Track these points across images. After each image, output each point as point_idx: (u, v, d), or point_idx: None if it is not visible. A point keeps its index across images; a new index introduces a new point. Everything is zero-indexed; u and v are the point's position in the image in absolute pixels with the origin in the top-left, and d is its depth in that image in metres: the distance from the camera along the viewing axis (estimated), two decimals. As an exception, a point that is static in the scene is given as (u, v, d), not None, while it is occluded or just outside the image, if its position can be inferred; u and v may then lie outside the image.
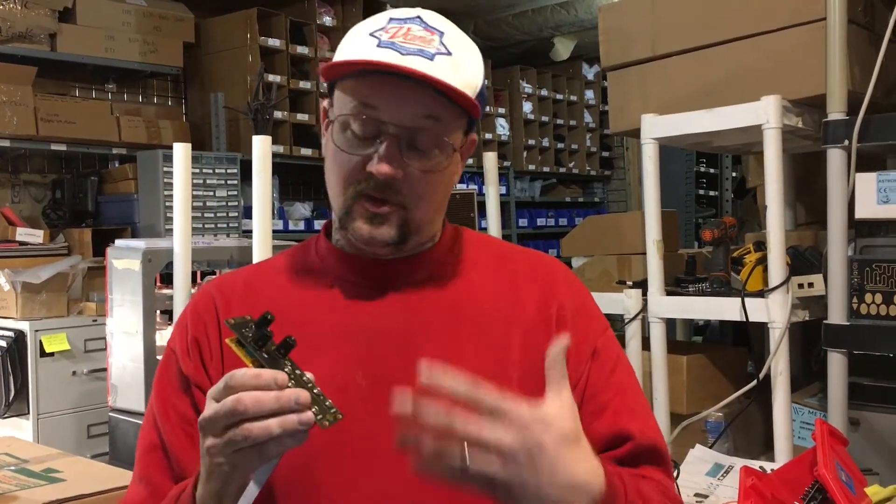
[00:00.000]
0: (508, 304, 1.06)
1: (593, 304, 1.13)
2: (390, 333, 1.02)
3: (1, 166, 4.25)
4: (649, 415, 1.09)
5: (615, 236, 2.74)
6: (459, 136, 1.03)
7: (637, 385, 1.11)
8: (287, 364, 0.85)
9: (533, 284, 1.08)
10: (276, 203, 4.80)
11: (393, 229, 1.00)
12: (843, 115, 2.05)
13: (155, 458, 1.03)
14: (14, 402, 3.37)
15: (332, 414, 0.83)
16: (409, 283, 1.06)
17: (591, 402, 1.04)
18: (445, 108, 0.98)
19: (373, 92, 0.97)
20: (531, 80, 6.68)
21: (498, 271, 1.10)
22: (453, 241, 1.11)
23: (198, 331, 1.05)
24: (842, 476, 1.44)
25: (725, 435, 2.25)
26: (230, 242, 3.12)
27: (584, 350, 1.06)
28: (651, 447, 1.04)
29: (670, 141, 2.39)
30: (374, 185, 0.98)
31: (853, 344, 2.06)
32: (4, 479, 1.65)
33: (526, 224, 6.64)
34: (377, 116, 0.97)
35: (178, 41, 4.58)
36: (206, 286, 1.12)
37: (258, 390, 0.81)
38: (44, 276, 3.46)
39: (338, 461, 0.97)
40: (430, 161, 0.99)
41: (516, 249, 1.16)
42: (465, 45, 1.02)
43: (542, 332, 1.04)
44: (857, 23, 2.14)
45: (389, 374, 0.98)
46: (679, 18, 2.39)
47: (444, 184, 1.03)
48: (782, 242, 2.08)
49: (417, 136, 0.98)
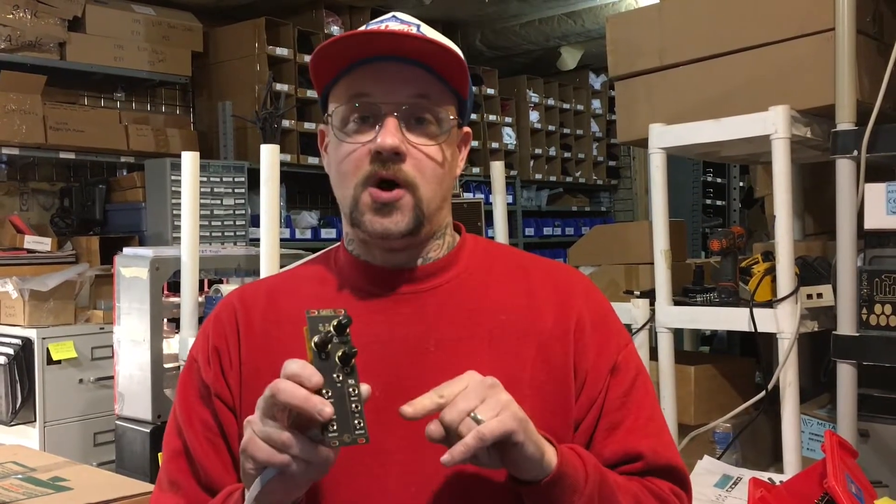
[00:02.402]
0: (525, 315, 1.05)
1: (615, 317, 1.12)
2: (405, 342, 1.02)
3: (10, 174, 4.27)
4: (665, 434, 1.08)
5: (622, 246, 2.73)
6: (454, 111, 1.05)
7: (654, 403, 1.09)
8: (340, 372, 0.85)
9: (552, 296, 1.07)
10: (284, 212, 4.81)
11: (405, 217, 1.00)
12: (852, 126, 2.05)
13: (181, 463, 1.04)
14: (21, 410, 3.37)
15: (353, 436, 0.83)
16: (425, 291, 1.05)
17: (605, 418, 1.03)
18: (435, 86, 1.02)
19: (364, 81, 1.01)
20: (538, 90, 6.69)
21: (516, 282, 1.09)
22: (471, 250, 1.11)
23: (218, 340, 1.06)
24: (851, 488, 1.44)
25: (734, 446, 2.24)
26: (237, 251, 3.13)
27: (604, 365, 1.05)
28: (663, 466, 1.04)
29: (678, 151, 2.39)
30: (381, 163, 0.99)
31: (863, 355, 2.05)
32: (12, 487, 1.65)
33: (532, 233, 6.64)
34: (372, 101, 1.00)
35: (187, 50, 4.60)
36: (230, 296, 1.13)
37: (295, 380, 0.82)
38: (51, 283, 3.47)
39: (352, 470, 0.97)
40: (429, 135, 1.02)
41: (536, 260, 1.15)
42: (442, 38, 1.05)
43: (558, 345, 1.04)
44: (865, 33, 2.13)
45: (402, 384, 0.98)
46: (687, 28, 2.39)
47: (446, 162, 1.04)
48: (791, 252, 2.08)
49: (413, 113, 1.01)
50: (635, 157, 7.27)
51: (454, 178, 1.09)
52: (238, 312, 1.08)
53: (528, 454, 0.87)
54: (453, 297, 1.05)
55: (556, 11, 5.71)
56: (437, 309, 1.04)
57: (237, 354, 1.05)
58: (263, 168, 2.38)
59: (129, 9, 4.39)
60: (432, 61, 1.00)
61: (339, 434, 0.82)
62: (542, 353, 1.03)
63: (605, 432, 1.02)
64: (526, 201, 6.66)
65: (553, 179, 6.85)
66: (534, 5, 5.54)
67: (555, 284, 1.09)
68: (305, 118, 4.91)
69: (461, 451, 0.83)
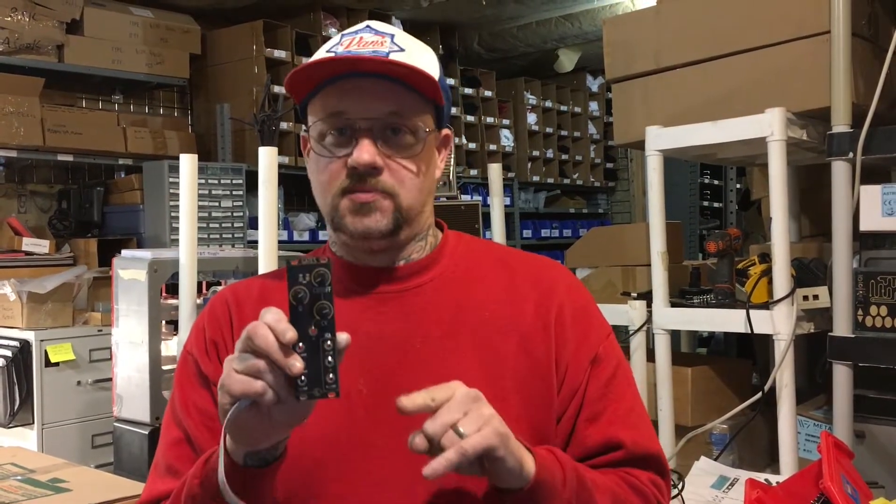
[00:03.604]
0: (507, 309, 1.07)
1: (595, 309, 1.14)
2: (391, 341, 1.04)
3: (7, 176, 4.27)
4: (645, 424, 1.10)
5: (619, 247, 2.74)
6: (430, 121, 1.07)
7: (635, 394, 1.12)
8: (317, 324, 0.85)
9: (533, 290, 1.09)
10: (282, 214, 4.81)
11: (384, 218, 1.03)
12: (848, 128, 2.06)
13: (182, 450, 1.06)
14: (19, 412, 3.37)
15: (324, 389, 0.84)
16: (409, 289, 1.07)
17: (587, 408, 1.06)
18: (408, 98, 1.03)
19: (338, 99, 1.03)
20: (535, 92, 6.69)
21: (498, 277, 1.11)
22: (453, 248, 1.13)
23: (215, 333, 1.09)
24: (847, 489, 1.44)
25: (730, 447, 2.25)
26: (235, 253, 3.13)
27: (584, 356, 1.07)
28: (643, 456, 1.06)
29: (674, 153, 2.40)
30: (357, 178, 1.02)
31: (859, 356, 2.06)
32: (10, 489, 1.65)
33: (530, 235, 6.64)
34: (347, 118, 1.03)
35: (185, 53, 4.60)
36: (223, 291, 1.16)
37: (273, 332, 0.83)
38: (49, 286, 3.46)
39: (340, 467, 1.00)
40: (405, 147, 1.03)
41: (518, 255, 1.17)
42: (416, 43, 1.08)
43: (540, 338, 1.06)
44: (861, 36, 2.14)
45: (390, 382, 1.01)
46: (683, 31, 2.40)
47: (424, 171, 1.06)
48: (787, 254, 2.08)
49: (388, 128, 1.03)
50: (632, 159, 7.28)
51: (434, 181, 1.11)
52: (231, 306, 1.11)
53: (508, 467, 0.89)
54: (437, 294, 1.08)
55: (553, 14, 5.72)
56: (421, 307, 1.06)
57: (233, 346, 1.05)
58: (261, 170, 2.39)
59: (127, 11, 4.39)
60: (404, 79, 1.02)
61: (310, 388, 0.83)
62: (524, 347, 1.05)
63: (587, 423, 1.05)
64: (523, 203, 6.67)
65: (550, 181, 6.85)
66: (531, 7, 5.55)
67: (536, 278, 1.11)
68: (303, 120, 4.90)
69: (443, 464, 0.85)
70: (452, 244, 1.14)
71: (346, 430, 1.00)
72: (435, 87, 1.04)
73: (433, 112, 1.08)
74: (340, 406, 0.97)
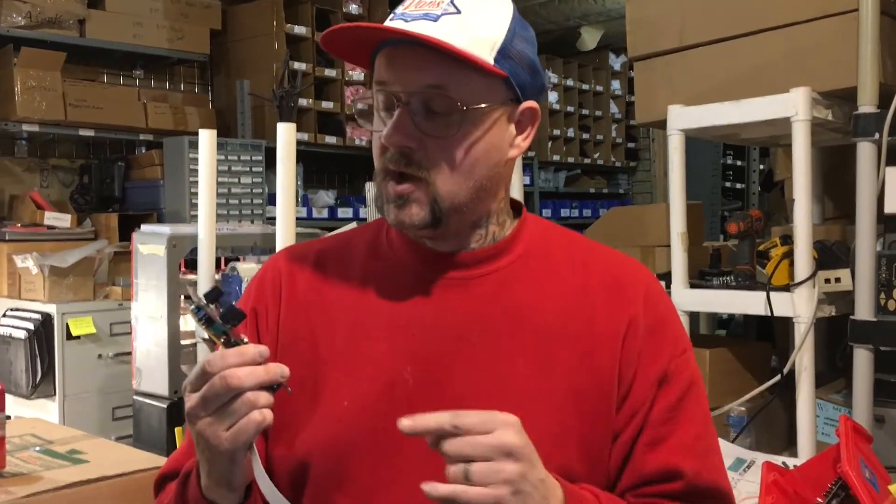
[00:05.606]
0: (574, 316, 0.99)
1: (674, 320, 1.04)
2: (445, 331, 0.97)
3: (30, 151, 4.30)
4: (713, 455, 1.00)
5: (639, 228, 2.72)
6: (490, 94, 0.95)
7: (706, 420, 1.02)
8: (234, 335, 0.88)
9: (607, 294, 1.00)
10: (301, 190, 4.82)
11: (421, 210, 0.95)
12: (874, 109, 2.02)
13: None
14: (41, 384, 3.42)
15: None
16: (474, 279, 1.00)
17: (647, 431, 0.96)
18: (456, 71, 0.92)
19: (383, 68, 0.96)
20: (557, 70, 6.64)
21: (572, 277, 1.02)
22: (529, 237, 1.05)
23: (259, 303, 1.06)
24: (865, 473, 1.43)
25: (748, 430, 2.24)
26: (254, 229, 3.14)
27: (652, 374, 0.98)
28: (705, 490, 0.97)
29: (697, 132, 2.37)
30: (390, 157, 0.95)
31: (880, 340, 2.03)
32: (29, 459, 1.67)
33: (550, 215, 6.61)
34: (389, 89, 0.95)
35: (205, 28, 4.60)
36: (279, 256, 1.11)
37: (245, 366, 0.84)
38: (71, 260, 3.50)
39: (374, 457, 0.95)
40: (444, 126, 0.93)
41: (599, 253, 1.07)
42: (481, 2, 0.96)
43: (605, 349, 0.98)
44: (889, 14, 2.10)
45: (437, 373, 0.96)
46: (707, 8, 2.36)
47: (471, 152, 0.95)
48: (809, 236, 2.06)
49: (430, 103, 0.93)
50: (654, 138, 7.22)
51: (498, 164, 0.98)
52: (283, 276, 1.06)
53: None
54: (503, 287, 1.00)
55: (576, -9, 5.67)
56: (484, 299, 0.99)
57: (276, 320, 1.04)
58: (280, 146, 2.39)
59: (148, -14, 4.39)
60: (438, 47, 0.91)
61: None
62: (586, 358, 0.97)
63: (646, 447, 0.96)
64: (544, 183, 6.63)
65: (571, 161, 6.81)
66: (554, -16, 5.49)
67: (613, 282, 1.02)
68: (323, 97, 4.90)
69: (443, 493, 0.80)
70: (529, 232, 1.05)
71: (383, 418, 0.93)
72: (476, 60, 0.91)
73: (501, 83, 0.96)
74: (385, 394, 0.95)
